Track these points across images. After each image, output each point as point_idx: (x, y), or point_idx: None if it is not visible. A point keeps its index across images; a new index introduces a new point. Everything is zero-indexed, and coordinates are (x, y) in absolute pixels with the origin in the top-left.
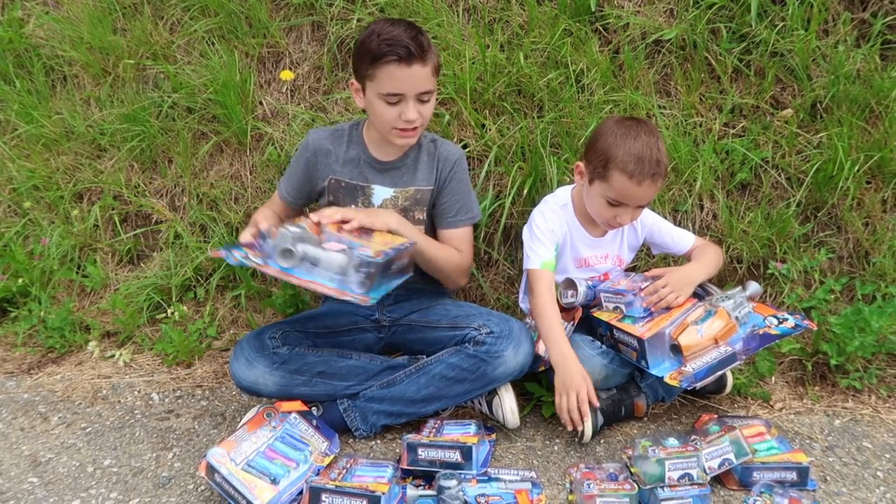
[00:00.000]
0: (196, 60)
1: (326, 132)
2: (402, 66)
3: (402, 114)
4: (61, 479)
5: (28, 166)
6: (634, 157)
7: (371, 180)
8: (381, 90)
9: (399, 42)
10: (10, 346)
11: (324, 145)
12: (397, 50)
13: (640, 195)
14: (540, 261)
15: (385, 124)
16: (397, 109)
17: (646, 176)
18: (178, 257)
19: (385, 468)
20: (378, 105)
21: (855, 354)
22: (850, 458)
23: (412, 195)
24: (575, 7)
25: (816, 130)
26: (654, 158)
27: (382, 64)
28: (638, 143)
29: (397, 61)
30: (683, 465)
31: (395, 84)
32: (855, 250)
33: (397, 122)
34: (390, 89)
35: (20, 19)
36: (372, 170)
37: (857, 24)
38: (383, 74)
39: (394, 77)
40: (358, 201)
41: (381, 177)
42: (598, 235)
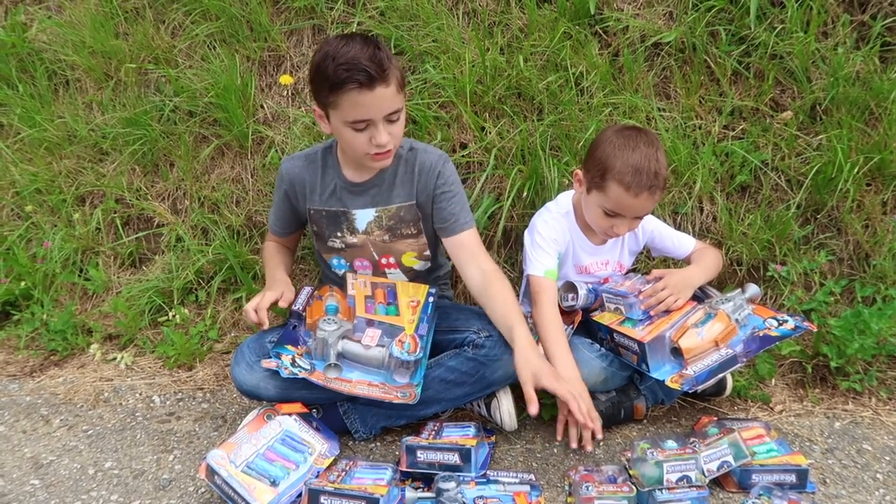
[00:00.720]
0: (197, 64)
1: (300, 160)
2: (365, 91)
3: (373, 138)
4: (63, 481)
5: (31, 170)
6: (632, 169)
7: (350, 205)
8: (346, 118)
9: (357, 66)
10: (12, 349)
11: (298, 175)
12: (356, 76)
13: (636, 207)
14: (544, 268)
15: (356, 151)
16: (366, 134)
17: (643, 188)
18: (180, 260)
19: (384, 470)
20: (346, 132)
21: (855, 357)
22: (849, 461)
23: (395, 213)
24: (574, 10)
25: (816, 132)
26: (652, 170)
27: (343, 92)
28: (636, 155)
29: (358, 87)
30: (682, 468)
31: (361, 111)
32: (855, 252)
33: (369, 148)
34: (356, 116)
35: (23, 24)
36: (349, 194)
37: (856, 27)
38: (345, 102)
39: (357, 104)
40: (342, 227)
41: (359, 199)
42: (599, 243)
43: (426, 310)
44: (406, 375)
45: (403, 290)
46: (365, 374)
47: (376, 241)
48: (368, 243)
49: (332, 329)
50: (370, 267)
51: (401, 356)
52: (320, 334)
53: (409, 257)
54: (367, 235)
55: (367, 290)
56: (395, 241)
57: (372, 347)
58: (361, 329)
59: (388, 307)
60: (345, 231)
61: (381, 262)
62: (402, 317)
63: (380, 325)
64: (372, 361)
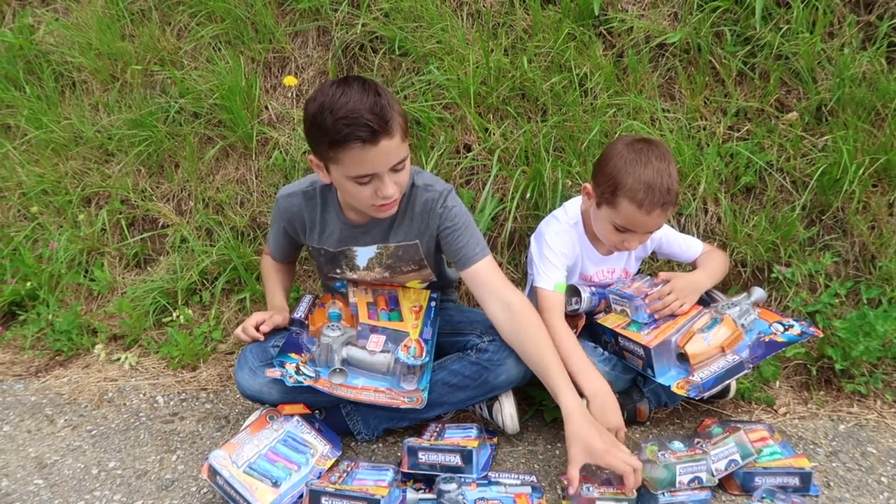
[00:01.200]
0: (203, 66)
1: (298, 196)
2: (368, 147)
3: (379, 191)
4: (66, 480)
5: (37, 171)
6: (644, 186)
7: (350, 244)
8: (348, 174)
9: (358, 121)
10: (18, 349)
11: (298, 213)
12: (358, 132)
13: (649, 224)
14: (553, 282)
15: (361, 203)
16: (371, 187)
17: (655, 205)
18: (184, 261)
19: (386, 471)
20: (349, 186)
21: (860, 359)
22: (853, 464)
23: (394, 252)
24: (579, 11)
25: (821, 133)
26: (664, 186)
27: (345, 149)
28: (649, 170)
29: (361, 144)
30: (693, 469)
31: (365, 167)
32: (861, 254)
33: (375, 200)
34: (360, 172)
35: (31, 26)
36: (350, 235)
37: (862, 27)
38: (348, 159)
39: (362, 160)
40: (341, 265)
41: (360, 238)
42: (606, 253)
43: (429, 314)
44: (413, 382)
45: (405, 295)
46: (371, 379)
47: (377, 277)
48: (368, 278)
49: (335, 335)
50: None
51: (407, 361)
52: (324, 340)
53: (413, 284)
54: (367, 271)
55: (369, 296)
56: (395, 276)
57: (377, 353)
58: (365, 335)
59: (390, 313)
60: (344, 268)
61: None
62: (405, 322)
63: (383, 330)
64: (378, 367)
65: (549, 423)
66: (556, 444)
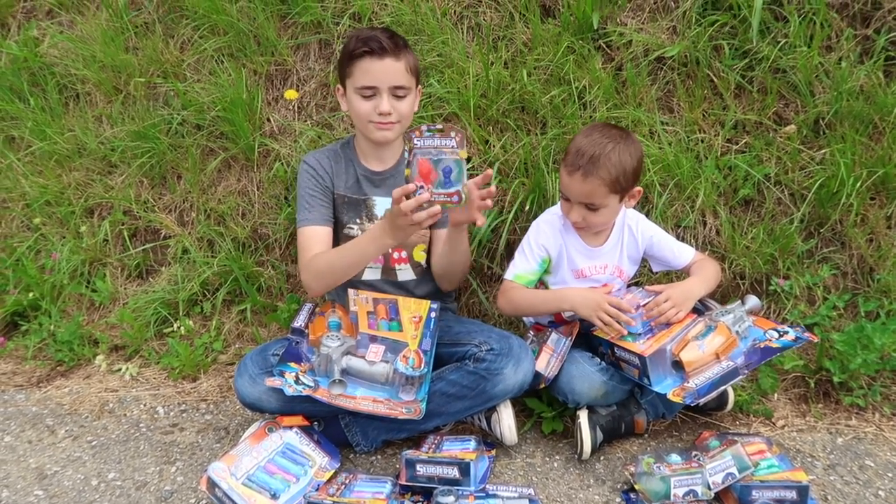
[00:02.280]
0: (205, 78)
1: (323, 153)
2: (375, 59)
3: (377, 107)
4: (66, 492)
5: (41, 182)
6: (574, 150)
7: (370, 193)
8: (356, 84)
9: (373, 38)
10: (20, 360)
11: (326, 163)
12: (370, 43)
13: (573, 188)
14: (515, 272)
15: (361, 119)
16: (372, 103)
17: (575, 167)
18: (186, 272)
19: (384, 483)
20: (354, 101)
21: (858, 372)
22: (851, 477)
23: None
24: (578, 25)
25: (819, 146)
26: (591, 153)
27: (357, 59)
28: (584, 139)
29: (370, 54)
30: (688, 482)
31: (368, 77)
32: (859, 266)
33: (372, 116)
34: (364, 82)
35: (35, 38)
36: (369, 183)
37: (860, 41)
38: (357, 69)
39: (366, 70)
40: (362, 214)
41: (378, 189)
42: (596, 245)
43: (429, 325)
44: (411, 393)
45: (405, 305)
46: (369, 389)
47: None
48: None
49: (335, 345)
50: (381, 262)
51: (405, 371)
52: (324, 350)
53: (418, 251)
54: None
55: (369, 306)
56: None
57: (376, 363)
58: (364, 345)
59: (390, 323)
60: (363, 218)
61: (392, 256)
62: (405, 332)
63: (383, 340)
64: (376, 377)
65: (548, 434)
66: (554, 457)
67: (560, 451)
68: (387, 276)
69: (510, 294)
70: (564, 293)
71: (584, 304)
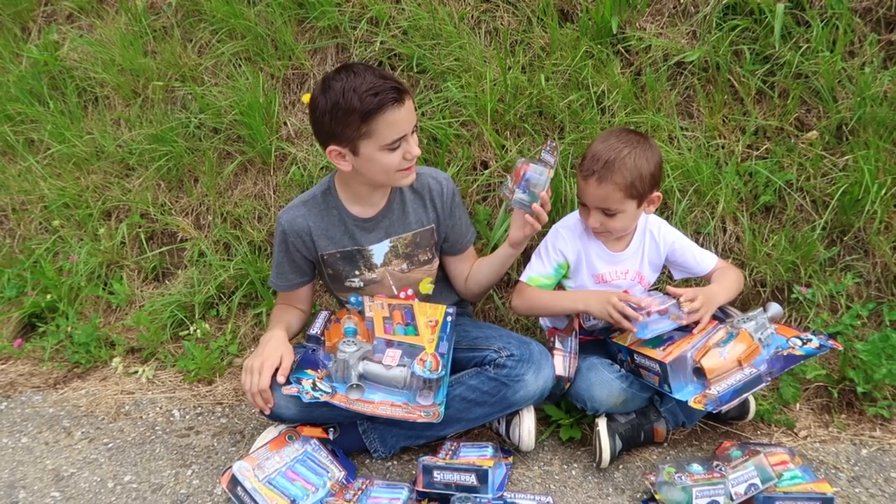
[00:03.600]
0: (223, 82)
1: (299, 209)
2: (397, 107)
3: (406, 153)
4: (82, 493)
5: (59, 185)
6: (589, 155)
7: (364, 242)
8: (382, 142)
9: (384, 87)
10: (37, 361)
11: (303, 224)
12: (389, 95)
13: (588, 193)
14: (530, 274)
15: (389, 172)
16: (400, 152)
17: (590, 173)
18: (202, 275)
19: (400, 490)
20: (380, 158)
21: (883, 382)
22: (877, 490)
23: (411, 240)
24: (596, 29)
25: (842, 153)
26: (604, 158)
27: (379, 115)
28: (601, 144)
29: (394, 105)
30: (710, 493)
31: (397, 128)
32: (883, 275)
33: (402, 165)
34: (394, 136)
35: (56, 42)
36: (360, 231)
37: (884, 46)
38: (382, 125)
39: (395, 122)
40: (359, 265)
41: (371, 235)
42: (618, 250)
43: (445, 328)
44: (429, 397)
45: (421, 310)
46: (387, 394)
47: (395, 272)
48: (388, 276)
49: (352, 350)
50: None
51: (423, 374)
52: (340, 356)
53: (425, 284)
54: (385, 267)
55: (385, 311)
56: (412, 269)
57: (393, 367)
58: (381, 350)
59: (406, 327)
60: (362, 269)
61: (399, 295)
62: (421, 336)
63: (399, 345)
64: (394, 381)
65: (566, 442)
66: (573, 465)
67: (578, 458)
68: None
69: (525, 294)
70: (577, 293)
71: (595, 302)
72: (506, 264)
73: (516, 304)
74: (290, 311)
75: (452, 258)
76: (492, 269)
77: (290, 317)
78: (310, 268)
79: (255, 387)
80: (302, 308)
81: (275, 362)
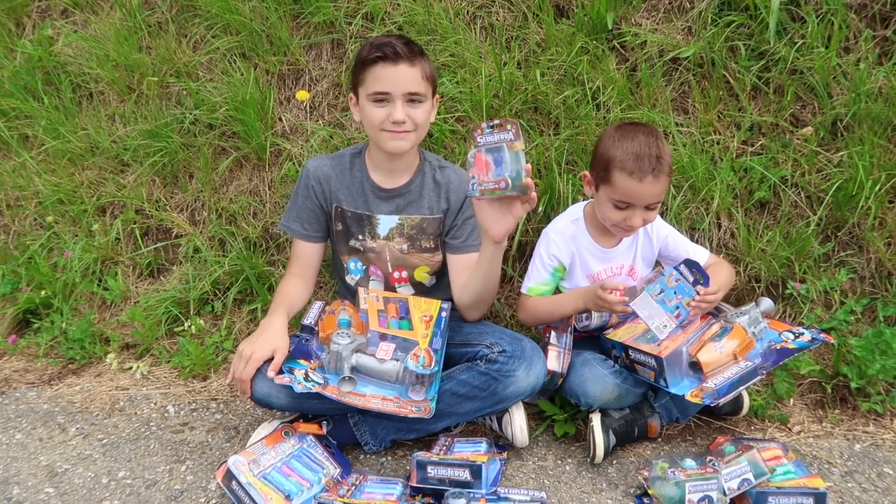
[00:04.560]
0: (218, 78)
1: (326, 159)
2: (388, 64)
3: (390, 114)
4: (76, 489)
5: (53, 181)
6: (633, 155)
7: (375, 209)
8: (368, 90)
9: (388, 44)
10: (32, 357)
11: (325, 172)
12: (384, 49)
13: (644, 193)
14: (528, 285)
15: (374, 127)
16: (385, 110)
17: (646, 172)
18: (197, 271)
19: (394, 485)
20: (367, 108)
21: (876, 377)
22: (869, 485)
23: (418, 224)
24: (592, 25)
25: (837, 149)
26: (652, 154)
27: (370, 65)
28: (635, 143)
29: (383, 60)
30: (703, 487)
31: (381, 83)
32: (877, 271)
33: (385, 124)
34: (376, 88)
35: (50, 38)
36: (376, 198)
37: (878, 42)
38: (370, 76)
39: (379, 76)
40: (365, 231)
41: (385, 205)
42: (610, 246)
43: (439, 324)
44: (421, 392)
45: (416, 304)
46: (379, 388)
47: (394, 248)
48: (387, 250)
49: (345, 343)
50: (382, 278)
51: (416, 370)
52: (334, 348)
53: (421, 272)
54: (387, 241)
55: (380, 304)
56: (412, 252)
57: (386, 361)
58: (375, 343)
59: (400, 321)
60: (366, 234)
61: (393, 275)
62: (415, 331)
63: (393, 339)
64: (386, 375)
65: (560, 437)
66: (567, 460)
67: (572, 454)
68: (388, 290)
69: (527, 306)
70: (570, 295)
71: (586, 298)
72: (493, 265)
73: (523, 318)
74: (296, 285)
75: (453, 258)
76: (479, 272)
77: (294, 294)
78: (322, 225)
79: (238, 375)
80: (308, 276)
81: (264, 356)
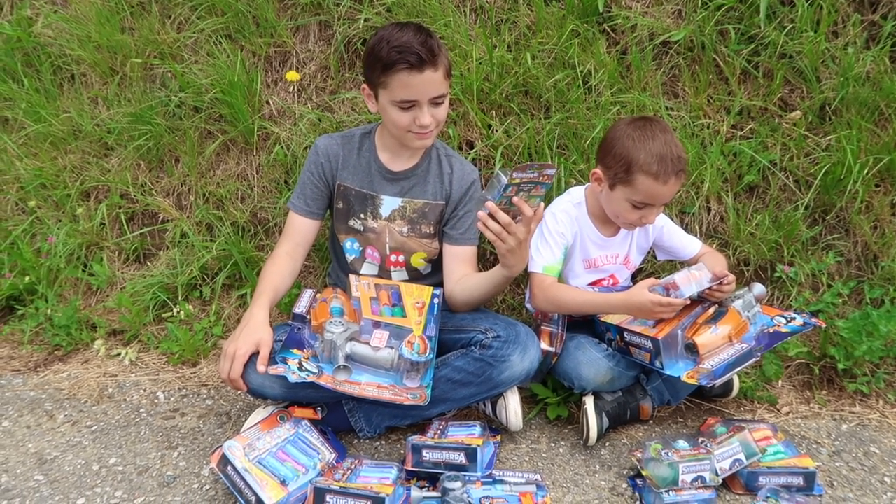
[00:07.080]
0: (203, 60)
1: (336, 137)
2: (414, 73)
3: (417, 119)
4: (67, 477)
5: (35, 165)
6: (657, 158)
7: (380, 190)
8: (394, 98)
9: (409, 49)
10: (16, 344)
11: (334, 150)
12: (408, 57)
13: (666, 194)
14: (543, 264)
15: (400, 129)
16: (411, 115)
17: (671, 174)
18: (185, 256)
19: (390, 469)
20: (392, 111)
21: (863, 359)
22: (857, 464)
23: (420, 207)
24: (583, 8)
25: (825, 133)
26: (675, 155)
27: (394, 72)
28: (657, 143)
29: (408, 69)
30: (696, 468)
31: (408, 91)
32: (863, 254)
33: (412, 127)
34: (403, 96)
35: (29, 18)
36: (382, 179)
37: (866, 26)
38: (395, 83)
39: (406, 85)
40: (367, 210)
41: (390, 186)
42: (610, 235)
43: (432, 311)
44: (416, 379)
45: (408, 291)
46: (374, 375)
47: (395, 230)
48: (387, 231)
49: (339, 331)
50: (378, 261)
51: (411, 357)
52: (328, 336)
53: (417, 258)
54: (388, 222)
55: (372, 291)
56: (411, 236)
57: (381, 349)
58: (368, 331)
59: (393, 308)
60: (368, 214)
61: (389, 258)
62: (409, 318)
63: (387, 326)
64: (381, 363)
65: (553, 420)
66: (560, 443)
67: (565, 436)
68: (382, 274)
69: (551, 291)
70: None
71: (638, 311)
72: (497, 288)
73: (540, 303)
74: (282, 267)
75: (449, 248)
76: (481, 287)
77: (278, 278)
78: (324, 202)
79: (227, 374)
80: (298, 255)
81: (248, 351)
